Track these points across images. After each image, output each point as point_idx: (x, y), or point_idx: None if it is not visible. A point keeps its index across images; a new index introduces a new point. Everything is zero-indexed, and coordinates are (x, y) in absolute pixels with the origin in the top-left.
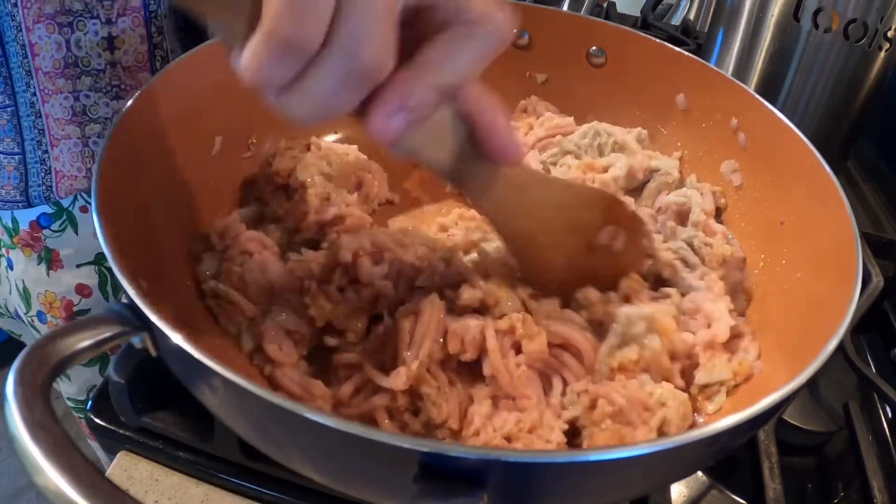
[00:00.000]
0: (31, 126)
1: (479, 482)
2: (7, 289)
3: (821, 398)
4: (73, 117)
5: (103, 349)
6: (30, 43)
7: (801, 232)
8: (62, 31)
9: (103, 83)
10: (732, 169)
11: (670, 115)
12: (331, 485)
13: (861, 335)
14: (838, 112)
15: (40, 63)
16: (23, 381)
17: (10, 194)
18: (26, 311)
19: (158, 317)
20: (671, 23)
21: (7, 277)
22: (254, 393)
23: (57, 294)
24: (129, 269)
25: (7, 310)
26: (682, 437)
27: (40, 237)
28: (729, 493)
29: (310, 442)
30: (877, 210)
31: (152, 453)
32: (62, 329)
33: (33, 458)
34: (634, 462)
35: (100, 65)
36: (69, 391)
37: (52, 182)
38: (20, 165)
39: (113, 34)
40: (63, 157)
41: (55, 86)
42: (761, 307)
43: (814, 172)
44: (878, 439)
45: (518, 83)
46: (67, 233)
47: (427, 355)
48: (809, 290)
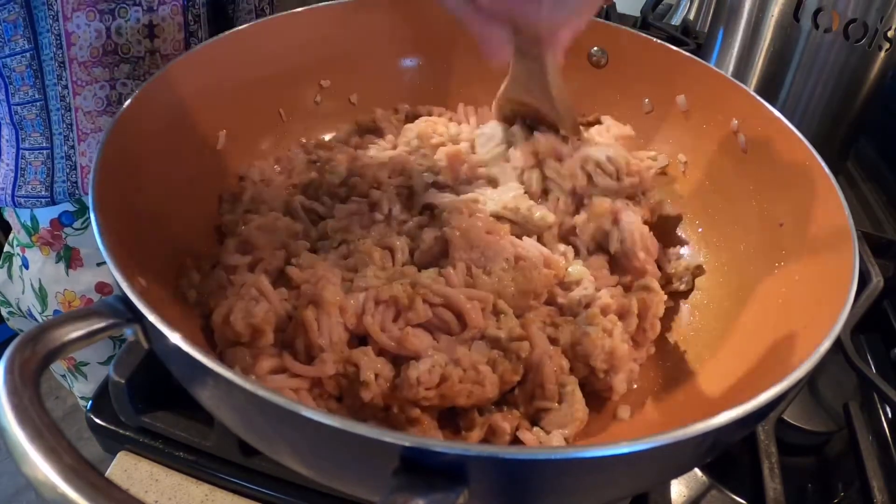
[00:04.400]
0: (60, 120)
1: (459, 477)
2: (20, 288)
3: (821, 398)
4: (108, 107)
5: (95, 340)
6: (66, 32)
7: (800, 233)
8: (103, 19)
9: (142, 71)
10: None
11: (671, 116)
12: (315, 478)
13: (861, 335)
14: (838, 112)
15: (76, 53)
16: (12, 370)
17: (36, 190)
18: (42, 311)
19: (155, 315)
20: (671, 23)
21: (21, 277)
22: (241, 386)
23: (77, 293)
24: (125, 266)
25: (19, 309)
26: (672, 435)
27: (61, 235)
28: (729, 493)
29: (293, 435)
30: (877, 210)
31: (152, 453)
32: (54, 320)
33: (20, 446)
34: (620, 460)
35: (139, 52)
36: (84, 390)
37: (77, 178)
38: (48, 160)
39: (154, 22)
40: (90, 151)
41: (90, 76)
42: (759, 307)
43: (813, 173)
44: (878, 439)
45: None
46: (89, 231)
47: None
48: (807, 290)
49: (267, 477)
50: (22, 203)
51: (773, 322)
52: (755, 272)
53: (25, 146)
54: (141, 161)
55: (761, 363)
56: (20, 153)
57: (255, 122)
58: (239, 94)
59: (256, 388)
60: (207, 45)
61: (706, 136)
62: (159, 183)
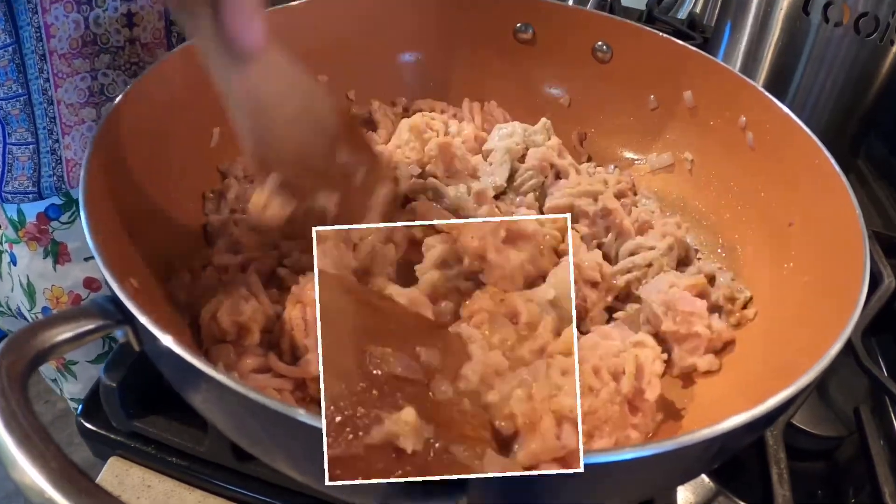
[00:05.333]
0: (44, 114)
1: (458, 485)
2: (9, 286)
3: (831, 402)
4: (90, 98)
5: (85, 342)
6: (45, 24)
7: (809, 233)
8: (81, 9)
9: (122, 60)
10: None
11: (677, 113)
12: (309, 483)
13: (872, 337)
14: (848, 108)
15: (55, 45)
16: None
17: (23, 185)
18: (30, 308)
19: (147, 317)
20: (677, 17)
21: (10, 273)
22: (233, 389)
23: (64, 288)
24: (116, 267)
25: (9, 308)
26: (679, 440)
27: (48, 230)
28: (737, 499)
29: (286, 439)
30: (888, 209)
31: (144, 458)
32: (43, 321)
33: (8, 450)
34: (624, 466)
35: (118, 41)
36: (73, 390)
37: (62, 172)
38: (34, 155)
39: (132, 10)
40: (75, 144)
41: (71, 67)
42: (768, 311)
43: (823, 171)
44: (889, 444)
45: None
46: (76, 225)
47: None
48: (817, 292)
49: (261, 482)
50: (9, 199)
51: (782, 324)
52: (764, 273)
53: (12, 141)
54: (131, 160)
55: (770, 366)
56: (7, 148)
57: None
58: None
59: (248, 391)
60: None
61: (713, 133)
62: (150, 181)
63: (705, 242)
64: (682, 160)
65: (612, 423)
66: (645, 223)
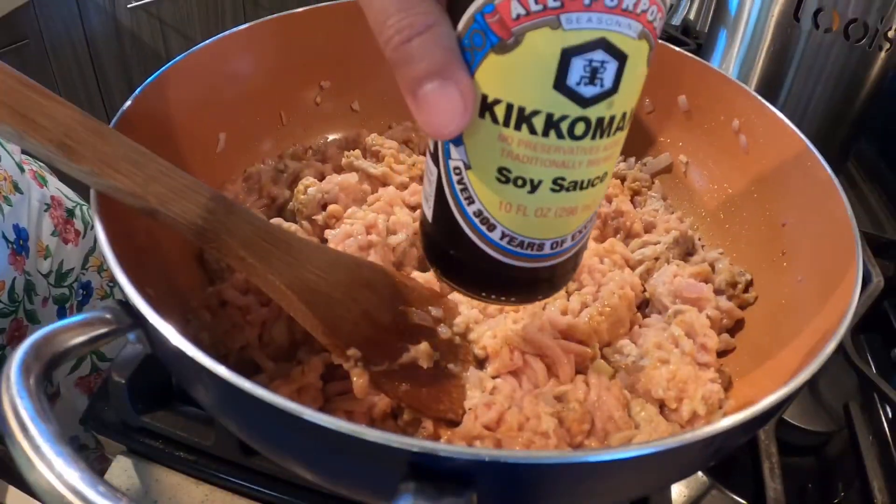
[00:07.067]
0: None
1: (468, 482)
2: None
3: (821, 398)
4: None
5: (99, 345)
6: None
7: (802, 233)
8: None
9: None
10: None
11: (672, 117)
12: (322, 483)
13: (861, 335)
14: (839, 112)
15: None
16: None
17: None
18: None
19: (158, 319)
20: (671, 23)
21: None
22: (244, 390)
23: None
24: (133, 276)
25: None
26: (677, 439)
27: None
28: (729, 493)
29: (298, 439)
30: (877, 210)
31: (152, 453)
32: (57, 327)
33: (25, 454)
34: (625, 464)
35: None
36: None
37: None
38: None
39: None
40: None
41: None
42: (761, 309)
43: (814, 173)
44: (878, 439)
45: None
46: None
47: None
48: (810, 291)
49: (268, 477)
50: None
51: (776, 323)
52: (757, 273)
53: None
54: None
55: (764, 365)
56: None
57: (255, 124)
58: (238, 96)
59: (260, 392)
60: (205, 46)
61: (707, 136)
62: None
63: (702, 242)
64: (678, 162)
65: (692, 382)
66: (649, 224)
